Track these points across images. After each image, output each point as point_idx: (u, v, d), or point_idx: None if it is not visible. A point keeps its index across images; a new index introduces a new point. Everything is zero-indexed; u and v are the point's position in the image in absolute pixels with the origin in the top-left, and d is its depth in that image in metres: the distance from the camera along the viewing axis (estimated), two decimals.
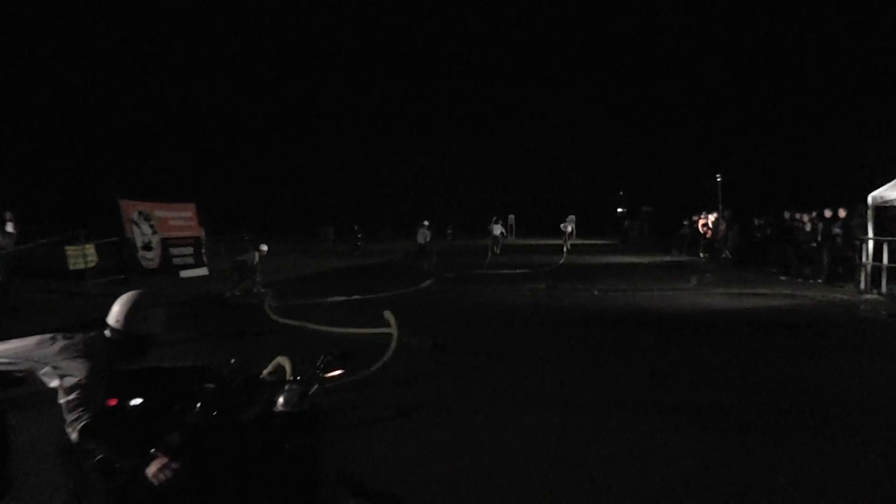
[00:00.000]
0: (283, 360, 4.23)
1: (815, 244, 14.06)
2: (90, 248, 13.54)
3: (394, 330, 6.05)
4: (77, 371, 2.33)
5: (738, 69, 51.65)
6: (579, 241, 31.69)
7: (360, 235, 24.21)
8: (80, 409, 2.25)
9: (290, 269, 17.15)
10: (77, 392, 2.27)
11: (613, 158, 52.22)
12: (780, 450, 4.01)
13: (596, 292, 12.31)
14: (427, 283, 14.27)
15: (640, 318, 9.29)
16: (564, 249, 24.22)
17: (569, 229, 27.12)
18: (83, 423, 2.22)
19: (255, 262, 11.86)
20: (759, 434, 4.29)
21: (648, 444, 4.12)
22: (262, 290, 11.75)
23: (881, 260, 11.40)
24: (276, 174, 52.50)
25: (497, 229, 25.31)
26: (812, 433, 4.32)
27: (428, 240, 18.24)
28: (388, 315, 6.24)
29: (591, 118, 52.42)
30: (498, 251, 23.87)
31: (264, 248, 12.20)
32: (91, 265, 13.28)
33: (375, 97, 69.61)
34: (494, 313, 9.85)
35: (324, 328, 8.21)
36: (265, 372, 3.92)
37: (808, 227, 14.57)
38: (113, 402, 2.45)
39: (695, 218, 23.09)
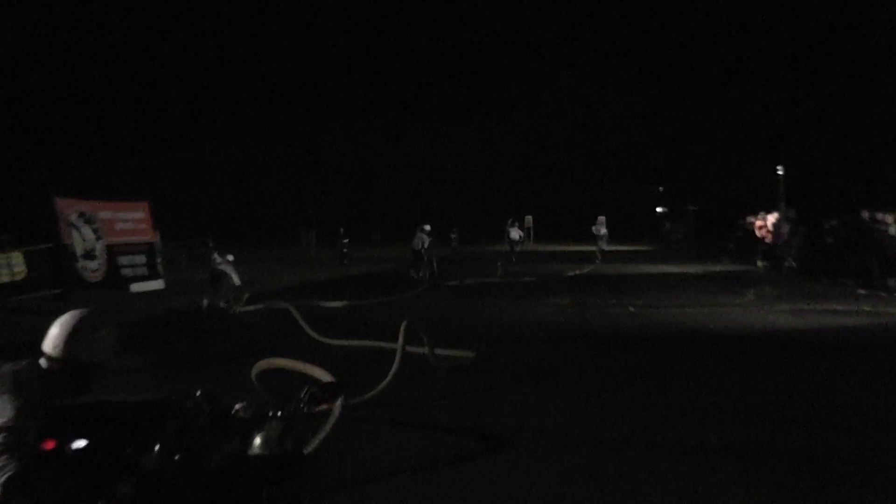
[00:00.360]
0: (321, 373, 4.32)
1: None
2: (17, 257, 13.58)
3: (399, 351, 6.53)
4: (2, 411, 2.29)
5: (801, 37, 51.69)
6: (610, 248, 31.71)
7: (346, 241, 24.43)
8: (6, 456, 2.19)
9: (268, 281, 17.19)
10: (2, 436, 2.23)
11: (650, 148, 52.26)
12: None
13: (632, 309, 12.30)
14: (412, 293, 14.77)
15: (685, 340, 9.26)
16: (598, 256, 24.80)
17: (602, 232, 27.64)
18: (9, 474, 2.17)
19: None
20: (827, 484, 4.23)
21: (695, 491, 4.08)
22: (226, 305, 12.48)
23: None
24: (246, 166, 52.65)
25: (515, 233, 25.84)
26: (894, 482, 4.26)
27: (425, 246, 18.62)
28: (402, 329, 6.68)
29: (623, 99, 52.48)
30: (515, 259, 24.35)
31: (230, 257, 12.90)
32: (18, 277, 13.32)
33: (364, 76, 70.04)
34: (507, 333, 9.81)
35: (388, 345, 8.28)
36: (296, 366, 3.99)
37: (892, 230, 14.52)
38: (50, 444, 2.41)
39: (750, 219, 23.08)
